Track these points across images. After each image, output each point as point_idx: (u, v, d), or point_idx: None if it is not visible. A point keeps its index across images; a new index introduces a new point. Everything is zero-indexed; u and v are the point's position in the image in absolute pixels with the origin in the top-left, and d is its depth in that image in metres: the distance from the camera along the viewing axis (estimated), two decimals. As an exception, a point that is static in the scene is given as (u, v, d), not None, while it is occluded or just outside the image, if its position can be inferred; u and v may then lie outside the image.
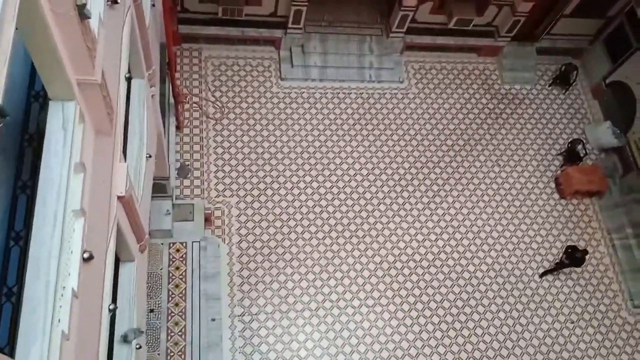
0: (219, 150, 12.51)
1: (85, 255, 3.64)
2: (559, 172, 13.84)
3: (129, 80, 6.31)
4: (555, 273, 12.52)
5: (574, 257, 12.04)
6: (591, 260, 12.94)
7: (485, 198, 13.19)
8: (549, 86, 15.13)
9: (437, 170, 13.28)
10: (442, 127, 13.87)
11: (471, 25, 13.87)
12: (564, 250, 12.42)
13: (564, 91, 15.11)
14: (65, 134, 3.57)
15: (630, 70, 13.96)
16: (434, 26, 14.14)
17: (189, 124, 12.65)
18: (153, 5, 8.26)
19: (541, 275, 12.46)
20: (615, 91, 14.45)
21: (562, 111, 14.86)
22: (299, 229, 12.00)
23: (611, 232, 13.39)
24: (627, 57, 14.04)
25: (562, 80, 15.03)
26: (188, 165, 12.15)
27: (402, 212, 12.61)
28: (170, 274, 10.90)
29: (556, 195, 13.61)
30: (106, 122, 4.30)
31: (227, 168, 12.34)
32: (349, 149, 13.12)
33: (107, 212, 4.60)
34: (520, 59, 15.01)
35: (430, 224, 12.61)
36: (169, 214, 10.92)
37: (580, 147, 13.87)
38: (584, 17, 14.41)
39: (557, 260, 12.57)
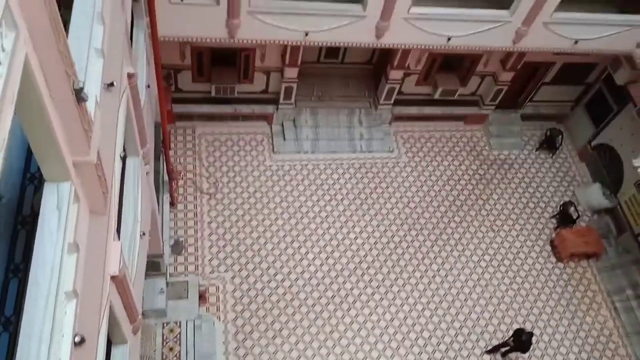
0: (213, 224, 12.46)
1: (77, 339, 3.53)
2: (553, 235, 13.84)
3: (123, 158, 6.38)
4: (499, 352, 11.66)
5: (520, 340, 11.09)
6: (594, 324, 12.67)
7: (482, 264, 13.07)
8: (536, 151, 15.44)
9: (432, 238, 13.24)
10: (434, 194, 13.98)
11: (456, 95, 14.33)
12: (512, 332, 11.49)
13: (551, 155, 15.41)
14: (59, 215, 3.56)
15: (614, 132, 14.34)
16: (420, 97, 14.60)
17: (183, 200, 12.67)
18: (148, 86, 8.52)
19: (487, 352, 11.70)
20: (601, 153, 14.77)
21: (551, 174, 15.08)
22: (296, 303, 11.74)
23: (611, 294, 13.20)
24: (609, 120, 14.47)
25: (549, 144, 15.37)
26: (182, 241, 12.06)
27: (400, 281, 12.43)
28: (164, 356, 10.51)
29: (553, 259, 13.52)
30: (101, 201, 4.31)
31: (221, 242, 12.24)
32: (343, 218, 13.12)
33: (99, 292, 4.50)
34: (506, 126, 15.41)
35: (428, 293, 12.39)
36: (163, 292, 10.69)
37: (572, 209, 13.96)
38: (564, 84, 14.98)
39: (504, 339, 11.65)
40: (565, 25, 11.71)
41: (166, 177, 11.49)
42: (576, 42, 12.06)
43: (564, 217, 13.94)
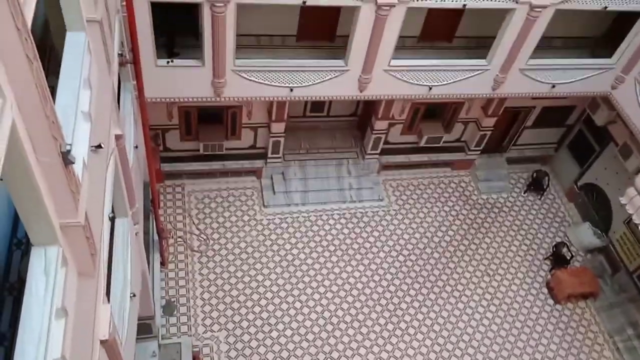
0: (205, 283, 12.27)
1: (65, 409, 3.39)
2: (549, 277, 13.76)
3: (112, 219, 6.35)
4: None
5: None
6: (598, 366, 12.44)
7: (480, 310, 12.90)
8: (524, 193, 15.58)
9: (428, 285, 13.11)
10: (426, 241, 13.95)
11: (441, 142, 14.57)
12: None
13: (539, 197, 15.55)
14: (47, 279, 3.50)
15: (598, 172, 14.56)
16: (406, 145, 14.82)
17: (173, 259, 12.52)
18: (136, 147, 8.59)
19: None
20: (588, 193, 14.93)
21: (541, 216, 15.16)
22: (292, 360, 11.44)
23: (612, 334, 13.02)
24: (593, 160, 14.73)
25: (536, 186, 15.54)
26: (174, 301, 11.82)
27: (398, 332, 12.19)
28: (157, 423, 10.08)
29: (550, 301, 13.38)
30: (89, 263, 4.25)
31: (214, 301, 12.02)
32: (336, 270, 12.99)
33: (89, 358, 4.37)
34: (493, 170, 15.61)
35: (427, 342, 12.15)
36: (155, 355, 10.37)
37: (565, 249, 13.96)
38: (545, 127, 15.32)
39: None
40: (541, 71, 12.12)
41: (156, 237, 11.40)
42: (553, 86, 12.44)
43: (558, 258, 13.92)
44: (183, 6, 9.74)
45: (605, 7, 10.87)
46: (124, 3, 7.57)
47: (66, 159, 3.34)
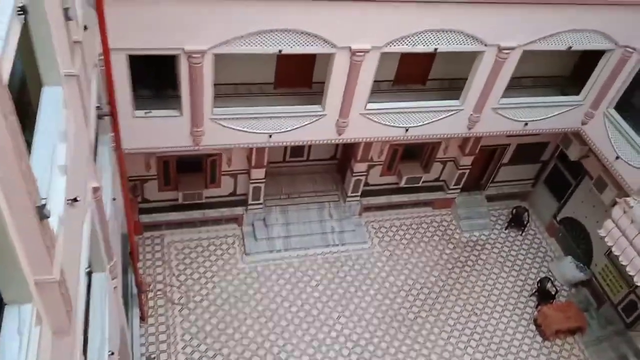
0: (187, 336, 11.91)
1: None
2: (535, 313, 13.71)
3: (89, 274, 6.19)
4: None
5: None
6: (592, 403, 12.24)
7: (469, 351, 12.72)
8: (505, 229, 15.69)
9: (415, 328, 12.92)
10: (411, 282, 13.85)
11: (421, 182, 14.71)
12: None
13: (520, 232, 15.67)
14: (21, 339, 3.35)
15: (576, 206, 14.79)
16: (386, 186, 14.92)
17: (153, 313, 12.17)
18: (114, 199, 8.48)
19: None
20: (568, 227, 15.10)
21: (524, 252, 15.23)
22: (280, 413, 11.04)
23: (603, 369, 12.91)
24: (570, 194, 14.97)
25: (516, 222, 15.68)
26: (154, 357, 11.41)
27: (387, 378, 11.92)
28: None
29: (539, 338, 13.27)
30: (65, 320, 4.10)
31: (196, 355, 11.63)
32: (322, 316, 12.75)
33: (65, 423, 4.15)
34: (473, 208, 15.75)
35: (418, 387, 11.88)
36: (136, 415, 9.94)
37: (549, 285, 13.98)
38: (521, 163, 15.61)
39: None
40: (513, 110, 12.44)
41: (135, 290, 11.11)
42: (526, 124, 12.76)
43: (543, 294, 13.91)
44: (160, 58, 9.84)
45: (570, 47, 11.32)
46: (102, 57, 7.63)
47: (41, 213, 3.27)
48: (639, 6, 10.84)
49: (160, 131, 10.49)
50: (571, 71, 13.80)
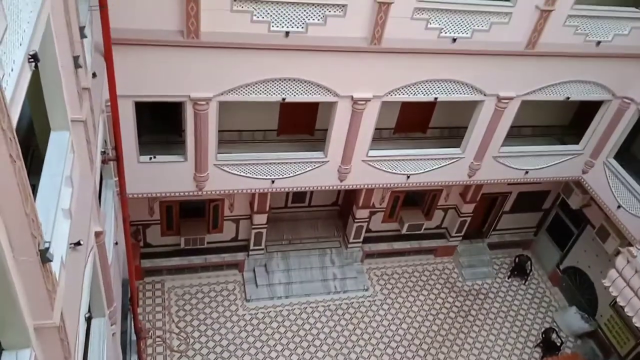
0: (185, 385, 11.64)
1: None
2: (541, 364, 13.38)
3: (88, 319, 6.12)
4: None
5: None
6: None
7: (474, 403, 12.36)
8: (508, 278, 15.52)
9: (418, 379, 12.60)
10: (414, 332, 13.60)
11: (423, 229, 14.68)
12: None
13: (523, 282, 15.48)
14: (16, 386, 3.31)
15: (579, 255, 14.67)
16: (388, 233, 14.88)
17: (151, 360, 11.93)
18: (116, 243, 8.48)
19: None
20: (571, 276, 14.93)
21: (527, 301, 15.00)
22: None
23: None
24: (572, 243, 14.88)
25: (519, 271, 15.52)
26: (150, 407, 11.11)
27: None
28: None
29: (545, 391, 12.92)
30: (62, 367, 4.04)
31: (193, 405, 11.34)
32: (323, 366, 12.48)
33: None
34: (475, 256, 15.63)
35: None
36: None
37: (554, 336, 13.70)
38: (523, 211, 15.60)
39: None
40: (514, 158, 12.56)
41: (134, 337, 10.91)
42: (526, 172, 12.84)
43: (548, 345, 13.61)
44: (166, 104, 10.06)
45: (568, 98, 11.54)
46: (109, 103, 7.81)
47: (44, 257, 3.29)
48: (634, 58, 11.12)
49: (164, 176, 10.59)
50: (570, 120, 14.01)
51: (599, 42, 10.69)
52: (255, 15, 8.81)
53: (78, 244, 4.69)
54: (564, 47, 10.56)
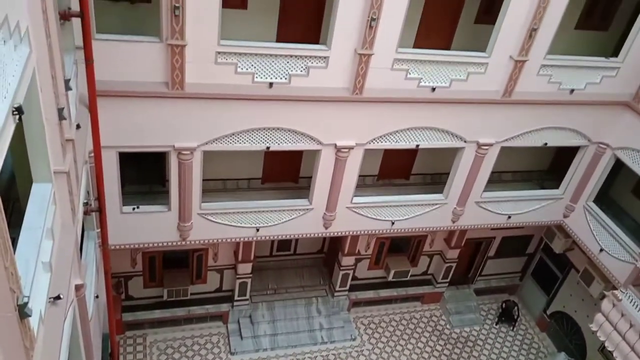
0: None
1: None
2: (533, 413, 13.10)
3: (66, 377, 5.88)
4: None
5: None
6: None
7: None
8: (496, 324, 15.38)
9: None
10: (403, 382, 13.30)
11: (409, 275, 14.59)
12: None
13: (511, 327, 15.35)
14: None
15: (565, 299, 14.65)
16: (374, 280, 14.76)
17: (131, 419, 11.44)
18: (97, 296, 8.28)
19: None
20: (559, 321, 14.86)
21: (516, 348, 14.83)
22: None
23: None
24: (557, 287, 14.89)
25: (507, 317, 15.41)
26: None
27: None
28: None
29: None
30: None
31: None
32: (310, 421, 12.07)
33: None
34: (462, 302, 15.52)
35: None
36: None
37: (545, 382, 13.50)
38: (507, 256, 15.65)
39: None
40: (496, 203, 12.70)
41: (113, 395, 10.49)
42: (509, 217, 12.97)
43: (539, 392, 13.39)
44: (150, 154, 10.07)
45: (546, 144, 11.83)
46: (92, 154, 7.80)
47: (22, 312, 3.21)
48: (607, 105, 11.50)
49: (147, 227, 10.48)
50: (549, 165, 14.31)
51: (572, 90, 11.07)
52: (239, 67, 9.00)
53: (58, 297, 4.58)
54: (539, 95, 10.91)
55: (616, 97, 11.40)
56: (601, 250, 12.27)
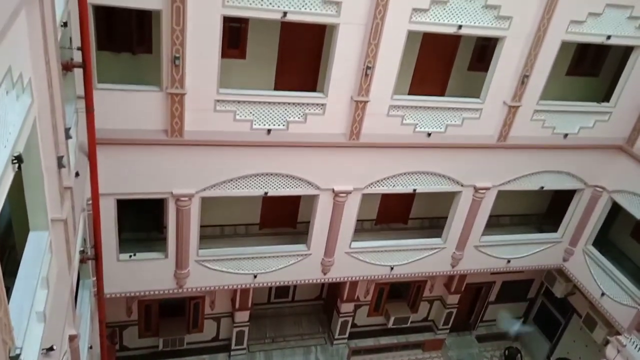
0: None
1: None
2: None
3: None
4: None
5: None
6: None
7: None
8: (500, 372, 15.04)
9: None
10: None
11: (409, 322, 14.35)
12: None
13: (515, 375, 14.99)
14: None
15: (568, 345, 14.37)
16: (374, 328, 14.49)
17: None
18: (90, 347, 8.10)
19: None
20: (564, 368, 14.52)
21: (521, 396, 14.44)
22: None
23: None
24: (560, 333, 14.62)
25: (510, 364, 15.07)
26: None
27: None
28: None
29: None
30: None
31: None
32: None
33: None
34: (464, 349, 15.19)
35: None
36: None
37: None
38: (508, 301, 15.44)
39: None
40: (495, 247, 12.63)
41: None
42: (508, 261, 12.87)
43: None
44: (147, 200, 10.07)
45: (542, 187, 11.88)
46: (90, 201, 7.80)
47: (14, 364, 3.14)
48: (601, 149, 11.62)
49: (144, 274, 10.36)
50: (547, 209, 14.32)
51: (566, 135, 11.22)
52: (238, 114, 9.14)
53: (51, 349, 4.48)
54: (534, 140, 11.04)
55: (610, 140, 11.53)
56: (603, 294, 12.11)
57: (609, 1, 9.68)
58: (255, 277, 11.10)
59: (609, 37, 10.09)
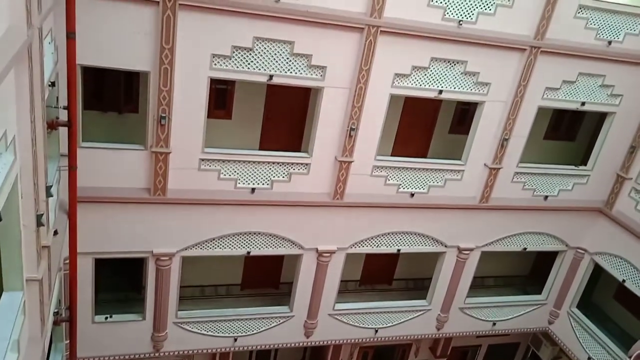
0: None
1: None
2: None
3: None
4: None
5: None
6: None
7: None
8: None
9: None
10: None
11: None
12: None
13: None
14: None
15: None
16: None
17: None
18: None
19: None
20: None
21: None
22: None
23: None
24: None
25: None
26: None
27: None
28: None
29: None
30: None
31: None
32: None
33: None
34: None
35: None
36: None
37: None
38: (495, 365, 15.12)
39: None
40: (480, 309, 12.49)
41: None
42: (494, 324, 12.71)
43: None
44: (126, 260, 9.85)
45: (525, 248, 11.93)
46: (67, 260, 7.60)
47: None
48: (581, 211, 11.79)
49: (120, 337, 9.97)
50: (530, 270, 14.31)
51: (546, 197, 11.39)
52: (222, 173, 9.15)
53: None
54: (515, 202, 11.18)
55: (589, 203, 11.73)
56: (589, 358, 11.94)
57: (581, 70, 10.13)
58: (235, 340, 10.77)
59: (583, 104, 10.49)
